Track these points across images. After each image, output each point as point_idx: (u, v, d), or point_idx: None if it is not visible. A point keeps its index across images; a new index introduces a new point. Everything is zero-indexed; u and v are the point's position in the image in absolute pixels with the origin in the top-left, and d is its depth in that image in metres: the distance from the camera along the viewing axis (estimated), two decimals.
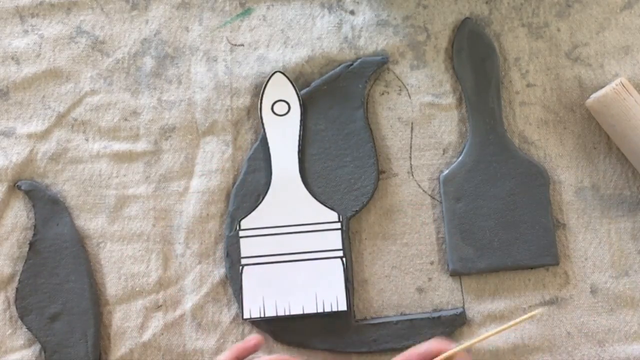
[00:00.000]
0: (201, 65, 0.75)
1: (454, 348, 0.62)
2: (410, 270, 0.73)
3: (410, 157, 0.74)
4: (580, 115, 0.74)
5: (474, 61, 0.74)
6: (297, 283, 0.70)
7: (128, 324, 0.72)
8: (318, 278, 0.71)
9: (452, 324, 0.71)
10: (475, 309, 0.72)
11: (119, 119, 0.75)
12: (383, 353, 0.70)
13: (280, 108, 0.73)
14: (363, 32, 0.75)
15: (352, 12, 0.75)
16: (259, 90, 0.74)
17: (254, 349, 0.66)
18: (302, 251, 0.71)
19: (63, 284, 0.72)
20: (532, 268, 0.72)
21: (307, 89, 0.74)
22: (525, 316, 0.62)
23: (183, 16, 0.76)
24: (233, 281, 0.72)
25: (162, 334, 0.72)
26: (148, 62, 0.75)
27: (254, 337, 0.66)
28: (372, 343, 0.70)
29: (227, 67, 0.75)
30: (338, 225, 0.71)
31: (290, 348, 0.71)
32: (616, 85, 0.70)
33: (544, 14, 0.75)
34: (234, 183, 0.73)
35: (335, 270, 0.71)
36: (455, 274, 0.72)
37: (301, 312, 0.70)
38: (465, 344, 0.63)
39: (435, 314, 0.71)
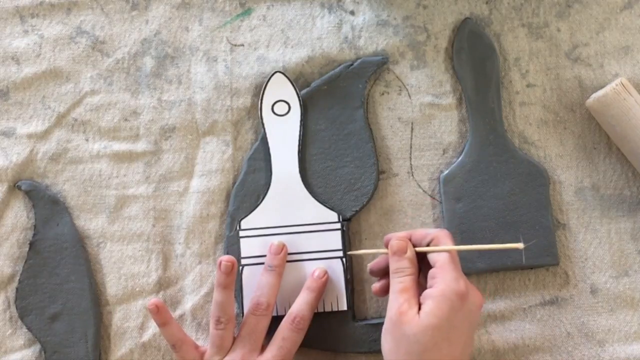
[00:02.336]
0: (201, 65, 0.75)
1: (444, 247, 0.63)
2: None
3: (410, 157, 0.74)
4: (580, 115, 0.74)
5: (474, 61, 0.74)
6: (297, 283, 0.70)
7: (128, 324, 0.72)
8: None
9: None
10: None
11: (119, 119, 0.75)
12: None
13: (281, 108, 0.73)
14: (363, 32, 0.75)
15: (352, 12, 0.75)
16: (259, 90, 0.74)
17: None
18: (302, 251, 0.71)
19: (63, 284, 0.72)
20: (532, 268, 0.72)
21: (307, 89, 0.74)
22: (510, 245, 0.63)
23: (183, 16, 0.76)
24: None
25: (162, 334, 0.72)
26: (148, 62, 0.75)
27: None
28: (372, 343, 0.70)
29: (227, 67, 0.75)
30: (338, 226, 0.71)
31: None
32: (616, 85, 0.70)
33: (544, 14, 0.75)
34: (234, 183, 0.73)
35: (335, 270, 0.71)
36: None
37: None
38: (449, 247, 0.63)
39: None
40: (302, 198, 0.72)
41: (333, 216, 0.71)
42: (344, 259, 0.71)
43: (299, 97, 0.73)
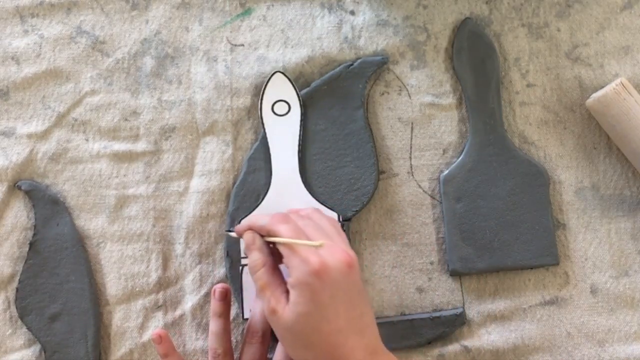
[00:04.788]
0: (201, 65, 0.75)
1: (277, 239, 0.62)
2: (410, 270, 0.73)
3: (410, 157, 0.74)
4: (580, 115, 0.74)
5: (474, 61, 0.74)
6: None
7: (128, 324, 0.72)
8: None
9: (452, 324, 0.71)
10: (475, 309, 0.72)
11: (119, 119, 0.75)
12: None
13: (281, 108, 0.73)
14: (363, 32, 0.75)
15: (352, 12, 0.75)
16: (259, 90, 0.74)
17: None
18: None
19: (63, 284, 0.72)
20: (532, 268, 0.72)
21: (307, 89, 0.74)
22: (311, 242, 0.60)
23: (183, 16, 0.76)
24: (233, 281, 0.72)
25: None
26: (148, 62, 0.75)
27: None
28: None
29: (227, 67, 0.75)
30: None
31: None
32: (616, 85, 0.70)
33: (544, 14, 0.75)
34: (234, 183, 0.73)
35: None
36: (455, 274, 0.72)
37: None
38: (279, 239, 0.62)
39: (435, 314, 0.71)
40: (302, 198, 0.72)
41: (333, 216, 0.71)
42: None
43: (299, 97, 0.73)
